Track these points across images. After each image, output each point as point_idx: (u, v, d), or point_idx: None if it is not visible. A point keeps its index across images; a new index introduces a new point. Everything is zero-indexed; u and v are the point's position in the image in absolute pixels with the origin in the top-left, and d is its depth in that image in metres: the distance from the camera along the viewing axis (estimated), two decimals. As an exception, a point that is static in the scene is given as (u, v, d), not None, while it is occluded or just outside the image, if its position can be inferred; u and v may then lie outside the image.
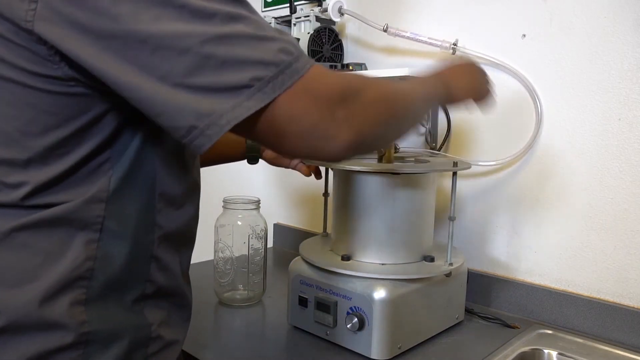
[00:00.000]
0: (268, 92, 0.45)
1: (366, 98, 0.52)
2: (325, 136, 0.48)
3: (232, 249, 1.02)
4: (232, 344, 0.87)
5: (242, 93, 0.45)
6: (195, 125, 0.45)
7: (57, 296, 0.51)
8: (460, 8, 1.07)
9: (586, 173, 0.93)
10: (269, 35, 0.47)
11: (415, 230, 0.87)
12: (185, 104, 0.45)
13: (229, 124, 0.45)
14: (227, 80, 0.45)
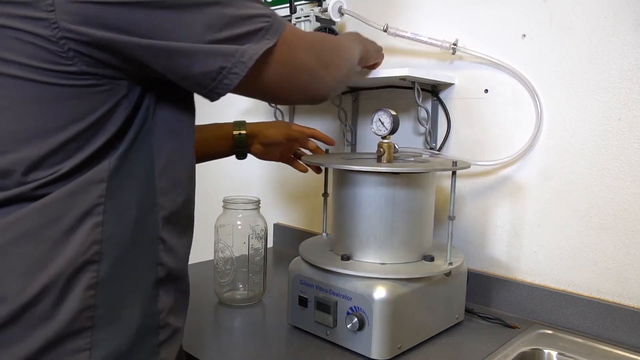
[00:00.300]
0: (271, 35, 0.58)
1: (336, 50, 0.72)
2: (320, 82, 0.67)
3: (232, 249, 1.02)
4: (232, 344, 0.87)
5: (254, 38, 0.56)
6: (224, 65, 0.55)
7: (70, 282, 0.51)
8: (460, 8, 1.07)
9: (586, 173, 0.93)
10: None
11: (415, 230, 0.87)
12: (216, 51, 0.54)
13: (252, 59, 0.56)
14: (243, 30, 0.56)
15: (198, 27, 0.53)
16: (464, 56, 1.06)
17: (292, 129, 0.99)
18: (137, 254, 0.56)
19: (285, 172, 1.46)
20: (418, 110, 1.13)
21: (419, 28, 1.12)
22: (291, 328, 0.91)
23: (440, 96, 1.11)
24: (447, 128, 1.10)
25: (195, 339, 0.86)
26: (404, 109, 1.16)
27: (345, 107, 1.28)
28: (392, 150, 0.89)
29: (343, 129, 1.30)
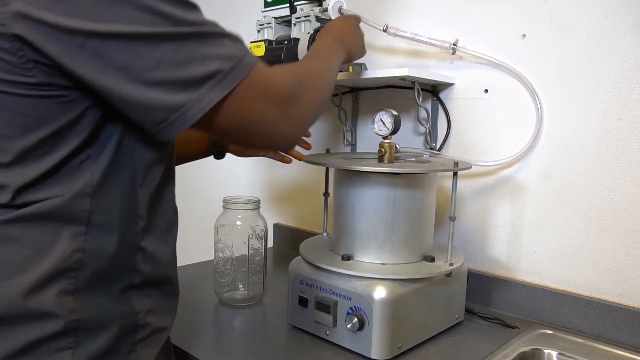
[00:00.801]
0: (227, 82, 0.53)
1: (307, 93, 0.62)
2: (281, 133, 0.60)
3: (232, 249, 1.02)
4: (232, 344, 0.87)
5: (205, 85, 0.52)
6: (165, 118, 0.51)
7: (45, 286, 0.52)
8: (460, 8, 1.07)
9: (586, 173, 0.93)
10: (224, 34, 0.55)
11: (416, 230, 0.87)
12: (158, 99, 0.51)
13: (195, 116, 0.52)
14: (193, 74, 0.51)
15: (146, 64, 0.50)
16: (464, 56, 1.06)
17: None
18: (116, 263, 0.57)
19: (285, 172, 1.46)
20: (418, 110, 1.13)
21: (419, 28, 1.12)
22: (291, 328, 0.91)
23: (440, 96, 1.11)
24: (447, 128, 1.10)
25: (195, 339, 0.86)
26: (404, 109, 1.16)
27: (345, 107, 1.28)
28: (394, 150, 0.89)
29: (343, 129, 1.30)
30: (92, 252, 0.55)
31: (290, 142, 0.64)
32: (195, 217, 1.69)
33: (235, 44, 0.55)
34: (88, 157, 0.55)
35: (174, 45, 0.50)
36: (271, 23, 1.27)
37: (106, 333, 0.56)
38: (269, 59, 1.21)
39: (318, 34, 0.91)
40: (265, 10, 1.49)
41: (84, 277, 0.54)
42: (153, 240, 0.61)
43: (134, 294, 0.59)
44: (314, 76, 0.68)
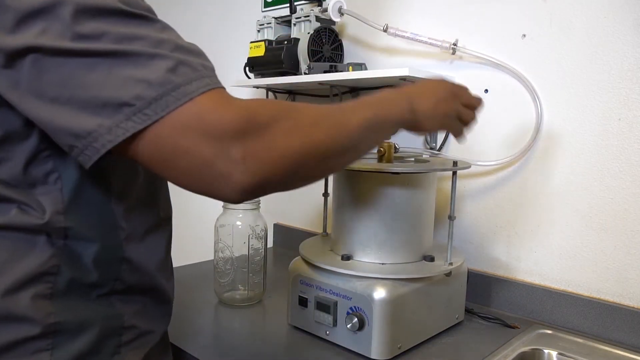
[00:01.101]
0: (150, 113, 0.43)
1: (276, 133, 0.46)
2: (217, 176, 0.44)
3: (232, 249, 1.02)
4: (232, 344, 0.87)
5: (122, 112, 0.43)
6: (74, 145, 0.45)
7: (21, 290, 0.51)
8: (460, 8, 1.07)
9: (586, 173, 0.93)
10: (163, 54, 0.45)
11: (415, 230, 0.87)
12: (64, 122, 0.44)
13: (105, 147, 0.44)
14: (106, 97, 0.43)
15: (53, 80, 0.44)
16: (464, 56, 1.06)
17: None
18: (96, 271, 0.56)
19: (285, 172, 1.45)
20: (418, 110, 1.13)
21: (419, 28, 1.12)
22: (291, 328, 0.91)
23: (440, 96, 1.11)
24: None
25: (195, 339, 0.86)
26: (404, 109, 1.16)
27: (345, 107, 1.28)
28: (393, 150, 0.89)
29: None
30: (70, 259, 0.54)
31: (229, 193, 0.45)
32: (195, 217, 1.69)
33: (177, 67, 0.45)
34: (52, 171, 0.52)
35: (88, 63, 0.43)
36: (271, 23, 1.28)
37: (86, 335, 0.55)
38: (269, 59, 1.22)
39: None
40: (265, 10, 1.49)
41: (62, 282, 0.53)
42: (138, 250, 0.59)
43: (117, 299, 0.58)
44: (311, 120, 0.50)
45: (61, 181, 0.53)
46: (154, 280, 0.62)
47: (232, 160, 0.44)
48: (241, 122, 0.44)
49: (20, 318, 0.51)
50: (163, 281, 0.64)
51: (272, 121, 0.46)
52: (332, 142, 0.51)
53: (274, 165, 0.46)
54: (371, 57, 1.23)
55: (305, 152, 0.48)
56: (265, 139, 0.45)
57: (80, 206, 0.54)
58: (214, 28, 1.68)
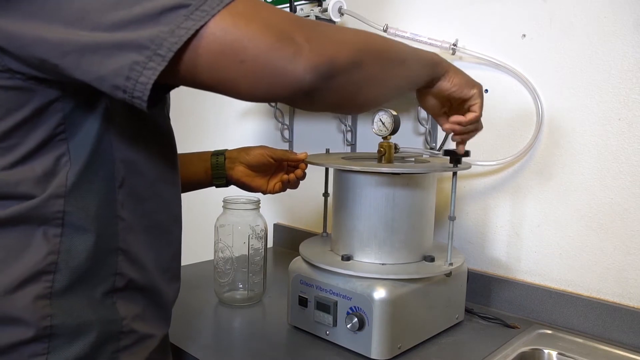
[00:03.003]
0: (207, 9, 0.42)
1: (329, 28, 0.49)
2: (286, 56, 0.44)
3: (232, 249, 1.02)
4: (232, 344, 0.87)
5: (179, 14, 0.42)
6: (137, 60, 0.43)
7: (18, 290, 0.51)
8: (460, 8, 1.07)
9: (586, 173, 0.93)
10: None
11: (415, 230, 0.87)
12: (123, 39, 0.42)
13: (171, 50, 0.42)
14: (161, 3, 0.42)
15: (104, 6, 0.43)
16: (464, 56, 1.06)
17: (274, 149, 0.93)
18: (94, 264, 0.55)
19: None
20: (418, 110, 1.13)
21: (419, 28, 1.12)
22: (291, 328, 0.91)
23: (440, 96, 1.11)
24: (447, 128, 1.10)
25: (195, 339, 0.86)
26: (404, 109, 1.16)
27: (345, 107, 1.28)
28: (393, 150, 0.89)
29: (343, 129, 1.30)
30: (67, 254, 0.53)
31: (300, 74, 0.44)
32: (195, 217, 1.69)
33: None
34: (63, 154, 0.52)
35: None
36: (271, 23, 1.27)
37: (83, 340, 0.54)
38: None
39: None
40: (265, 10, 1.48)
41: (61, 280, 0.53)
42: (136, 243, 0.59)
43: (119, 297, 0.57)
44: (357, 30, 0.54)
45: (70, 164, 0.52)
46: (153, 279, 0.61)
47: (297, 42, 0.44)
48: (296, 16, 0.48)
49: (15, 320, 0.50)
50: (163, 282, 0.63)
51: (324, 24, 0.50)
52: (387, 46, 0.56)
53: (338, 48, 0.47)
54: (371, 57, 1.23)
55: (365, 45, 0.52)
56: (323, 30, 0.48)
57: (82, 191, 0.54)
58: (214, 28, 1.68)
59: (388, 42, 0.57)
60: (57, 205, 0.52)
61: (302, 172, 0.94)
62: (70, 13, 0.43)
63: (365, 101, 0.56)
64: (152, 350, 0.62)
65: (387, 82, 0.57)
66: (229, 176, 0.93)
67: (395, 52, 0.58)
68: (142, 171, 0.59)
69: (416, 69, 0.64)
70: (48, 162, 0.52)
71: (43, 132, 0.51)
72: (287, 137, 1.45)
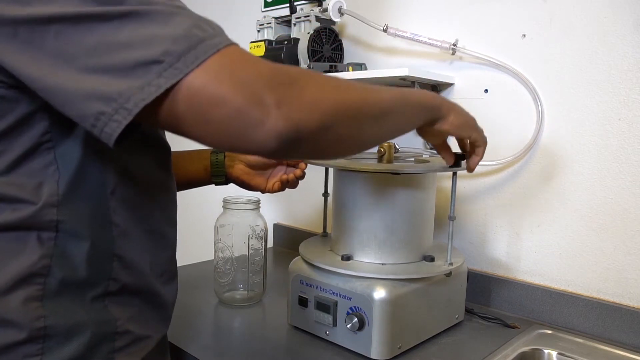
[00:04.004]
0: (180, 67, 0.42)
1: (309, 85, 0.47)
2: (252, 123, 0.43)
3: (232, 249, 1.02)
4: (232, 344, 0.87)
5: (152, 70, 0.42)
6: (103, 110, 0.43)
7: (10, 293, 0.50)
8: (460, 8, 1.07)
9: (586, 173, 0.93)
10: (182, 13, 0.46)
11: (415, 230, 0.87)
12: (92, 88, 0.43)
13: (137, 106, 0.42)
14: (135, 57, 0.43)
15: (81, 49, 0.43)
16: (464, 56, 1.06)
17: None
18: (88, 269, 0.55)
19: (285, 172, 1.45)
20: (418, 110, 1.13)
21: (419, 28, 1.12)
22: (291, 328, 0.91)
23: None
24: (447, 128, 1.10)
25: (195, 339, 0.86)
26: (404, 109, 1.16)
27: (345, 107, 1.28)
28: (393, 150, 0.89)
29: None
30: (60, 258, 0.53)
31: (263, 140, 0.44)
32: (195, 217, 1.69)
33: (198, 24, 0.45)
34: (51, 163, 0.52)
35: (113, 26, 0.43)
36: (271, 23, 1.28)
37: (78, 340, 0.53)
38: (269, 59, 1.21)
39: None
40: (265, 10, 1.49)
41: (53, 283, 0.52)
42: (131, 248, 0.58)
43: (111, 301, 0.57)
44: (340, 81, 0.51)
45: (59, 173, 0.52)
46: (150, 283, 0.61)
47: (266, 106, 0.43)
48: (274, 71, 0.45)
49: (8, 322, 0.50)
50: (160, 285, 0.63)
51: (304, 76, 0.48)
52: (364, 103, 0.53)
53: (308, 112, 0.46)
54: (371, 57, 1.23)
55: (338, 106, 0.49)
56: (298, 89, 0.46)
57: (74, 200, 0.53)
58: (214, 28, 1.68)
59: (369, 96, 0.54)
60: (50, 214, 0.52)
61: (302, 171, 0.93)
62: (53, 48, 0.43)
63: (337, 156, 0.56)
64: (149, 352, 0.62)
65: (362, 138, 0.56)
66: (229, 174, 0.93)
67: (377, 107, 0.55)
68: (135, 177, 0.59)
69: (405, 118, 0.62)
70: (35, 170, 0.52)
71: (28, 141, 0.51)
72: (287, 137, 1.44)
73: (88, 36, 0.43)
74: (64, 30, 0.43)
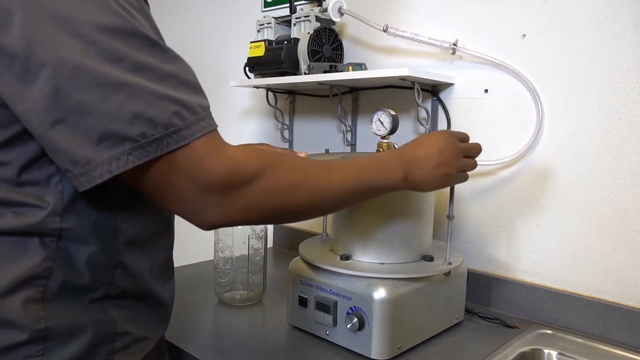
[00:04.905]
0: (150, 151, 0.47)
1: (255, 190, 0.52)
2: (195, 211, 0.51)
3: (232, 249, 1.02)
4: (232, 344, 0.87)
5: (124, 145, 0.46)
6: (70, 169, 0.47)
7: (10, 294, 0.51)
8: (460, 8, 1.07)
9: (586, 173, 0.93)
10: (169, 95, 0.48)
11: (415, 229, 0.87)
12: (65, 146, 0.46)
13: (102, 177, 0.46)
14: (115, 129, 0.46)
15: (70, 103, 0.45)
16: (464, 56, 1.06)
17: (274, 148, 0.92)
18: (90, 274, 0.55)
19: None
20: (418, 110, 1.13)
21: (419, 28, 1.12)
22: (291, 328, 0.91)
23: (440, 96, 1.11)
24: (447, 128, 1.10)
25: (195, 339, 0.86)
26: (404, 109, 1.16)
27: (345, 107, 1.28)
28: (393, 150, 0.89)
29: (343, 129, 1.30)
30: (63, 262, 0.53)
31: (203, 225, 0.53)
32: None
33: (180, 111, 0.48)
34: (54, 174, 0.52)
35: (104, 93, 0.45)
36: (271, 23, 1.28)
37: (78, 341, 0.54)
38: (269, 59, 1.22)
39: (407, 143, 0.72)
40: (265, 10, 1.49)
41: (54, 286, 0.53)
42: (135, 256, 0.59)
43: (110, 304, 0.57)
44: (294, 181, 0.55)
45: (62, 183, 0.52)
46: (149, 286, 0.61)
47: (209, 203, 0.50)
48: (225, 174, 0.50)
49: (9, 323, 0.50)
50: (158, 286, 0.63)
51: (255, 177, 0.52)
52: (310, 205, 0.58)
53: (246, 215, 0.53)
54: (371, 57, 1.23)
55: (281, 211, 0.55)
56: (244, 194, 0.52)
57: (79, 208, 0.54)
58: (214, 28, 1.68)
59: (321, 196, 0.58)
60: (54, 222, 0.52)
61: None
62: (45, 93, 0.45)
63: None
64: (149, 352, 0.62)
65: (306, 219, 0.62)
66: None
67: (326, 204, 0.60)
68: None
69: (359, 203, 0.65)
70: (39, 179, 0.52)
71: (32, 151, 0.51)
72: (287, 137, 1.45)
73: (77, 92, 0.45)
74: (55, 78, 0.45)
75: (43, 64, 0.45)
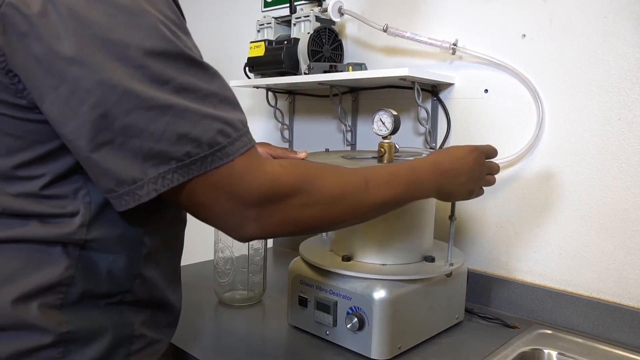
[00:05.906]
0: (194, 169, 0.48)
1: (293, 205, 0.53)
2: (233, 225, 0.52)
3: (232, 249, 1.02)
4: (232, 344, 0.87)
5: (169, 165, 0.47)
6: (115, 189, 0.48)
7: (32, 299, 0.51)
8: (460, 8, 1.07)
9: (586, 173, 0.93)
10: (212, 114, 0.49)
11: (416, 230, 0.87)
12: (112, 166, 0.47)
13: (149, 195, 0.47)
14: (161, 149, 0.47)
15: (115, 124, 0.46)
16: (464, 56, 1.06)
17: (274, 147, 0.94)
18: (109, 283, 0.55)
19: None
20: (418, 110, 1.13)
21: (419, 28, 1.12)
22: (291, 328, 0.91)
23: (440, 96, 1.11)
24: (447, 128, 1.10)
25: (195, 339, 0.86)
26: (404, 109, 1.16)
27: (345, 107, 1.28)
28: (393, 150, 0.89)
29: (343, 129, 1.30)
30: (85, 270, 0.54)
31: (240, 238, 0.54)
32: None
33: (224, 129, 0.49)
34: (81, 187, 0.53)
35: (152, 116, 0.46)
36: (271, 23, 1.28)
37: (98, 343, 0.54)
38: (269, 59, 1.22)
39: (433, 152, 0.75)
40: (265, 10, 1.49)
41: (74, 293, 0.53)
42: (151, 266, 0.59)
43: (126, 308, 0.58)
44: (334, 194, 0.56)
45: (89, 196, 0.53)
46: (161, 293, 0.62)
47: (246, 218, 0.51)
48: (264, 190, 0.51)
49: (31, 326, 0.51)
50: (170, 293, 0.64)
51: (293, 192, 0.53)
52: (347, 219, 0.59)
53: (283, 228, 0.54)
54: (371, 57, 1.23)
55: (317, 225, 0.57)
56: (282, 208, 0.53)
57: (106, 220, 0.54)
58: (214, 28, 1.68)
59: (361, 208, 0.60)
60: (80, 233, 0.53)
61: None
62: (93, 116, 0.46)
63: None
64: (162, 355, 0.63)
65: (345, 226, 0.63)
66: None
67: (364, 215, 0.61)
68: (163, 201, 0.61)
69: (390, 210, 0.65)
70: (67, 192, 0.53)
71: (64, 165, 0.52)
72: (287, 137, 1.45)
73: (126, 115, 0.46)
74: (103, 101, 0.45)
75: (90, 88, 0.45)
